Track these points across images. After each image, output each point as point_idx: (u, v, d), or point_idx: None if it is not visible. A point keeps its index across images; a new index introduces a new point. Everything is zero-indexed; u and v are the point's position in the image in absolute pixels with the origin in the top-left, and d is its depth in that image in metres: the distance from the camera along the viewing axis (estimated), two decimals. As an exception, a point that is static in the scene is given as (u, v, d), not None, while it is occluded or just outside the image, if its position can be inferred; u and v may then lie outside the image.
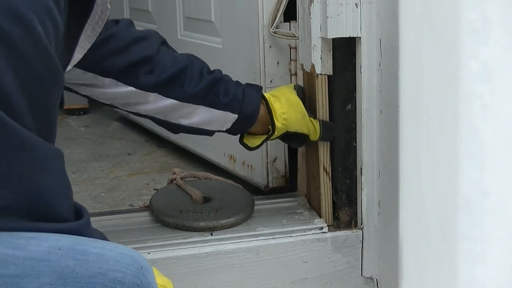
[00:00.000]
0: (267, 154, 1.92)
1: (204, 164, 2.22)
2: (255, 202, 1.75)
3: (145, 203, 1.84)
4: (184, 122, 1.52)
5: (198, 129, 1.54)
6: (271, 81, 1.88)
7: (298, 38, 1.74)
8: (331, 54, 1.61)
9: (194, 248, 1.58)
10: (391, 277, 1.57)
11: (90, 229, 1.03)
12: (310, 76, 1.71)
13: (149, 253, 1.55)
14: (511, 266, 1.52)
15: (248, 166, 2.00)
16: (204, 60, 2.20)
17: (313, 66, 1.62)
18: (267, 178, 1.92)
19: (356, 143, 1.65)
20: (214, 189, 1.81)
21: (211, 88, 1.51)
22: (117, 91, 1.43)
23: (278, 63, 1.88)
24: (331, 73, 1.62)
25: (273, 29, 1.82)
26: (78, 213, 1.02)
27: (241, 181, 1.97)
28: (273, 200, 1.81)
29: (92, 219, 1.71)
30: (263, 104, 1.56)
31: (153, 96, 1.47)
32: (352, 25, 1.56)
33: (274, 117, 1.56)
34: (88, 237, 0.98)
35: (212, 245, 1.59)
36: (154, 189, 2.02)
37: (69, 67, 1.09)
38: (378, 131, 1.59)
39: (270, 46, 1.86)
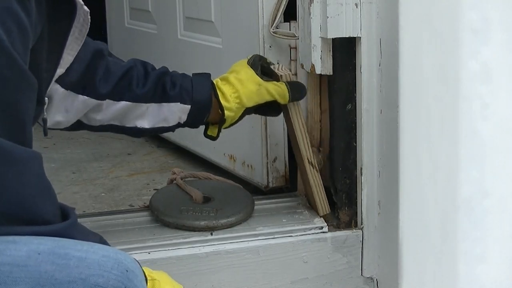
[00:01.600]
0: (267, 154, 1.92)
1: (204, 164, 2.22)
2: (255, 202, 1.75)
3: (145, 203, 1.84)
4: (141, 124, 1.49)
5: (157, 128, 1.52)
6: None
7: (298, 38, 1.74)
8: (331, 54, 1.61)
9: (194, 248, 1.58)
10: (391, 277, 1.57)
11: (77, 230, 0.98)
12: (311, 76, 1.71)
13: (149, 253, 1.55)
14: (511, 266, 1.52)
15: (248, 166, 2.00)
16: (204, 60, 2.21)
17: (313, 66, 1.62)
18: (267, 178, 1.92)
19: (356, 143, 1.65)
20: (214, 189, 1.81)
21: (158, 83, 1.48)
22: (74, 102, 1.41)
23: (278, 63, 1.88)
24: (331, 73, 1.62)
25: (273, 29, 1.82)
26: (64, 214, 0.98)
27: (241, 181, 1.97)
28: (273, 200, 1.81)
29: (92, 219, 1.72)
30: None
31: (105, 103, 1.45)
32: (352, 25, 1.56)
33: (223, 99, 1.53)
34: (75, 239, 0.95)
35: (212, 245, 1.59)
36: (154, 189, 2.02)
37: (61, 70, 1.07)
38: (378, 131, 1.59)
39: (270, 46, 1.86)
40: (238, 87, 1.54)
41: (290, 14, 1.82)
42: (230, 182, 1.89)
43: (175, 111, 1.50)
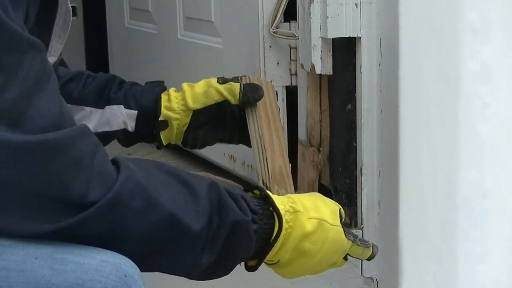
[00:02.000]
0: (267, 154, 1.92)
1: (204, 164, 2.22)
2: (255, 202, 1.75)
3: (145, 203, 1.84)
4: None
5: (100, 132, 1.38)
6: (271, 81, 1.88)
7: (298, 38, 1.74)
8: (331, 54, 1.61)
9: (194, 248, 1.58)
10: (391, 277, 1.57)
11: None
12: (311, 76, 1.71)
13: (149, 253, 1.54)
14: (511, 266, 1.52)
15: (248, 166, 2.00)
16: (204, 60, 2.21)
17: (313, 66, 1.62)
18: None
19: (356, 143, 1.65)
20: (214, 189, 1.81)
21: (103, 87, 1.38)
22: None
23: (278, 63, 1.88)
24: (331, 73, 1.62)
25: (273, 29, 1.82)
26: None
27: (241, 181, 1.97)
28: (273, 200, 1.81)
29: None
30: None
31: None
32: (352, 25, 1.56)
33: (165, 101, 1.36)
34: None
35: (212, 245, 1.59)
36: (154, 189, 2.01)
37: (52, 58, 1.06)
38: (378, 131, 1.59)
39: (270, 46, 1.86)
40: (186, 89, 1.38)
41: (290, 14, 1.82)
42: (230, 182, 1.89)
43: (118, 114, 1.37)
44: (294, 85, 1.88)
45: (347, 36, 1.57)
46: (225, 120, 1.39)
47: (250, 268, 1.14)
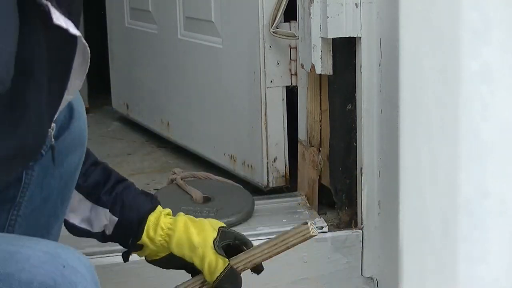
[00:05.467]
0: (267, 154, 1.92)
1: (204, 164, 2.22)
2: (255, 202, 1.75)
3: (145, 203, 1.84)
4: (71, 218, 1.29)
5: (80, 228, 1.29)
6: (271, 81, 1.88)
7: (298, 38, 1.74)
8: (331, 54, 1.61)
9: (194, 248, 1.58)
10: (391, 277, 1.57)
11: None
12: (311, 76, 1.71)
13: (149, 253, 1.54)
14: (511, 267, 1.52)
15: (248, 166, 2.00)
16: (204, 60, 2.21)
17: (313, 66, 1.62)
18: (267, 178, 1.92)
19: (356, 143, 1.65)
20: (214, 189, 1.81)
21: (97, 185, 1.29)
22: None
23: (278, 63, 1.88)
24: (331, 73, 1.62)
25: (273, 29, 1.82)
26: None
27: (241, 181, 1.97)
28: (273, 200, 1.81)
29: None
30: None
31: None
32: (352, 25, 1.56)
33: (151, 228, 1.26)
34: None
35: (212, 245, 1.58)
36: (154, 189, 2.02)
37: (69, 96, 1.04)
38: (378, 131, 1.59)
39: (270, 46, 1.86)
40: (178, 229, 1.27)
41: (290, 14, 1.82)
42: (230, 182, 1.89)
43: (102, 218, 1.28)
44: (294, 85, 1.88)
45: (347, 36, 1.57)
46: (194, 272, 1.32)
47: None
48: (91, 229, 1.28)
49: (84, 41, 0.97)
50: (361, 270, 1.67)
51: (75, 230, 1.29)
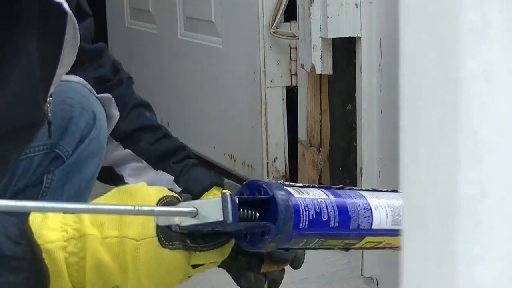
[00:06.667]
0: (267, 154, 1.92)
1: (204, 164, 2.22)
2: (255, 202, 1.75)
3: (145, 203, 1.84)
4: (130, 180, 1.27)
5: None
6: (271, 81, 1.88)
7: (298, 38, 1.74)
8: (331, 54, 1.61)
9: (194, 248, 1.58)
10: (391, 277, 1.57)
11: None
12: (311, 76, 1.71)
13: (149, 253, 1.55)
14: (511, 267, 1.52)
15: (248, 166, 2.00)
16: (204, 60, 2.21)
17: (313, 66, 1.62)
18: (267, 178, 1.92)
19: (356, 143, 1.65)
20: (214, 189, 1.81)
21: (170, 153, 1.28)
22: None
23: (278, 63, 1.88)
24: (331, 73, 1.62)
25: (273, 29, 1.82)
26: None
27: (241, 181, 1.96)
28: (273, 200, 1.81)
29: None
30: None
31: (115, 144, 1.29)
32: (352, 25, 1.56)
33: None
34: None
35: (212, 245, 1.59)
36: (154, 189, 2.01)
37: (63, 69, 1.05)
38: (378, 131, 1.59)
39: (270, 46, 1.86)
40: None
41: (290, 14, 1.82)
42: (230, 182, 1.89)
43: (165, 183, 1.25)
44: (294, 85, 1.88)
45: (347, 36, 1.57)
46: None
47: None
48: None
49: (74, 18, 0.97)
50: (361, 270, 1.67)
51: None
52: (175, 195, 0.82)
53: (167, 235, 0.77)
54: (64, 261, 0.74)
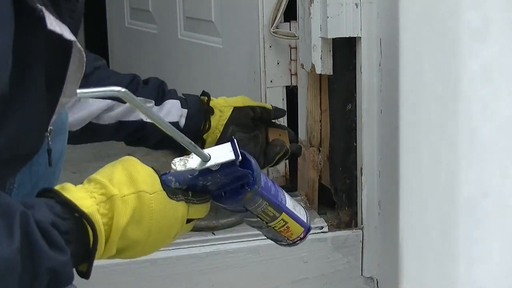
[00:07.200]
0: (267, 154, 1.92)
1: (204, 164, 2.22)
2: (255, 202, 1.75)
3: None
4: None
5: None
6: (271, 81, 1.88)
7: (298, 38, 1.74)
8: (331, 54, 1.61)
9: (194, 248, 1.58)
10: (392, 277, 1.57)
11: None
12: (311, 76, 1.71)
13: (149, 253, 1.55)
14: (511, 267, 1.52)
15: (248, 166, 2.00)
16: (204, 60, 2.21)
17: (313, 66, 1.62)
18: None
19: (356, 143, 1.65)
20: (214, 189, 1.81)
21: (158, 88, 1.43)
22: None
23: (278, 63, 1.88)
24: (331, 73, 1.62)
25: (273, 29, 1.82)
26: None
27: (241, 181, 1.96)
28: (273, 200, 1.81)
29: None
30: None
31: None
32: (352, 25, 1.56)
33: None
34: None
35: (212, 244, 1.59)
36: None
37: (65, 99, 1.04)
38: (378, 131, 1.59)
39: (270, 46, 1.86)
40: (225, 99, 1.43)
41: (290, 14, 1.82)
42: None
43: (177, 108, 1.41)
44: (294, 85, 1.88)
45: (347, 36, 1.57)
46: (256, 139, 1.41)
47: (82, 274, 0.91)
48: (171, 119, 1.37)
49: (80, 46, 0.97)
50: (361, 270, 1.67)
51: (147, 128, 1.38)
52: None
53: (170, 190, 0.93)
54: (102, 223, 0.87)
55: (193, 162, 0.94)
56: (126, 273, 1.54)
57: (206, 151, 0.94)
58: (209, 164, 0.93)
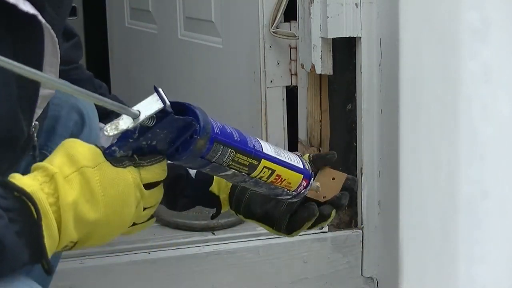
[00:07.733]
0: (267, 154, 1.92)
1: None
2: (255, 202, 1.75)
3: (145, 203, 1.84)
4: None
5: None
6: (271, 81, 1.88)
7: (298, 38, 1.74)
8: (331, 54, 1.61)
9: (194, 248, 1.58)
10: (391, 277, 1.57)
11: None
12: (311, 76, 1.71)
13: (149, 253, 1.54)
14: (511, 267, 1.52)
15: (248, 166, 2.00)
16: (204, 60, 2.21)
17: (313, 66, 1.62)
18: (267, 178, 1.92)
19: (356, 143, 1.65)
20: (214, 189, 1.81)
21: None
22: None
23: (278, 63, 1.88)
24: (331, 73, 1.62)
25: (273, 29, 1.82)
26: None
27: (241, 181, 1.96)
28: (273, 200, 1.81)
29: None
30: None
31: None
32: (352, 25, 1.56)
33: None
34: None
35: (212, 244, 1.59)
36: (154, 189, 2.01)
37: (48, 91, 1.03)
38: (378, 131, 1.59)
39: (270, 46, 1.86)
40: None
41: (290, 14, 1.82)
42: (230, 182, 1.89)
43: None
44: (294, 85, 1.88)
45: (347, 36, 1.57)
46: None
47: (46, 271, 0.85)
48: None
49: (52, 31, 0.95)
50: (361, 270, 1.67)
51: None
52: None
53: (115, 159, 0.87)
54: (46, 201, 0.82)
55: (124, 123, 0.86)
56: (126, 273, 1.54)
57: (135, 107, 0.87)
58: (140, 119, 0.86)
